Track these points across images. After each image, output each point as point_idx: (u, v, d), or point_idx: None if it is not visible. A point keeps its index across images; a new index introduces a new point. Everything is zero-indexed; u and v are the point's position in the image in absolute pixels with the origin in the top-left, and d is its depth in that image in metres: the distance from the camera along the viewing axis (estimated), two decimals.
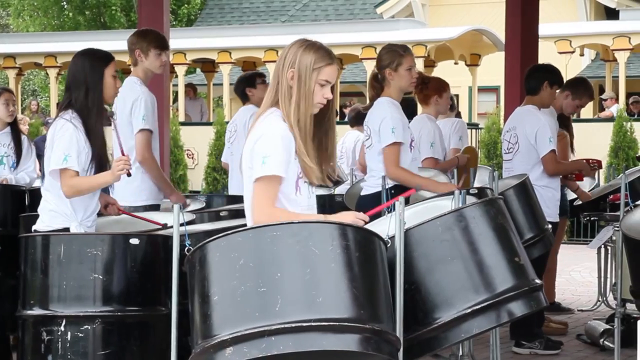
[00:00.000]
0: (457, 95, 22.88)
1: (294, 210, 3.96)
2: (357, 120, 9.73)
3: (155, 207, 6.33)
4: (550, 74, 7.44)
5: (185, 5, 31.23)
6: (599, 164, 8.43)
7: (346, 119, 18.04)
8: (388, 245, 3.93)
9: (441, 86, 7.75)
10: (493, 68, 18.11)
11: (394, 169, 6.12)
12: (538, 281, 4.28)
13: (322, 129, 4.08)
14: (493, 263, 4.16)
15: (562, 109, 8.11)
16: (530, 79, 7.44)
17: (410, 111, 7.76)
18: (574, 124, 8.89)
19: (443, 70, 18.63)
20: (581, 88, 8.24)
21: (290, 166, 3.94)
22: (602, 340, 7.22)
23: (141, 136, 6.31)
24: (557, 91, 7.61)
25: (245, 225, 3.97)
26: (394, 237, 3.99)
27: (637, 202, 6.95)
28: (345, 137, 10.35)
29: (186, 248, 3.91)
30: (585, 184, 9.48)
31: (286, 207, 3.96)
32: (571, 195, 8.77)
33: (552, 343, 7.23)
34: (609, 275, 8.67)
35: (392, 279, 3.93)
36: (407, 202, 4.27)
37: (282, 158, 3.91)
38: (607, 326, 7.28)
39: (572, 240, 14.60)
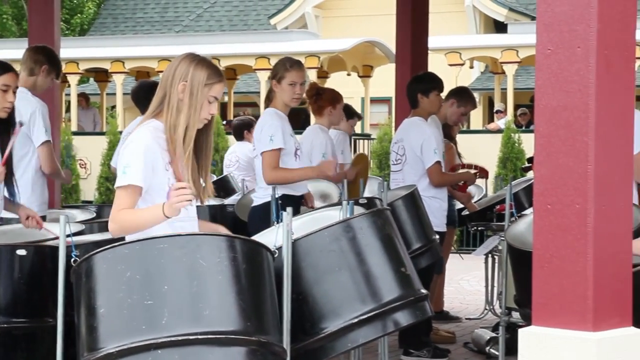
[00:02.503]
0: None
1: (171, 221, 3.93)
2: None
3: (42, 218, 6.26)
4: (420, 82, 7.54)
5: (78, 15, 30.83)
6: (486, 173, 8.60)
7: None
8: (276, 256, 3.96)
9: (335, 97, 7.83)
10: (385, 79, 18.30)
11: (270, 172, 6.19)
12: (423, 291, 4.36)
13: (200, 145, 4.09)
14: (380, 273, 4.22)
15: (446, 117, 8.22)
16: (407, 93, 7.59)
17: (302, 122, 7.81)
18: (464, 135, 9.08)
19: (336, 81, 18.78)
20: (465, 96, 8.39)
21: (158, 177, 3.94)
22: (488, 348, 7.36)
23: (45, 148, 6.37)
24: (437, 96, 7.66)
25: None
26: (281, 247, 4.02)
27: (522, 213, 7.12)
28: (236, 147, 10.36)
29: (72, 259, 3.88)
30: (474, 194, 9.66)
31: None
32: (460, 204, 8.93)
33: (439, 351, 7.34)
34: (495, 285, 8.83)
35: (280, 290, 3.96)
36: (295, 212, 4.31)
37: (142, 168, 3.91)
38: (493, 334, 7.42)
39: (462, 249, 14.81)
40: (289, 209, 4.07)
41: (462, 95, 8.39)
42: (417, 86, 7.53)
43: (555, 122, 3.85)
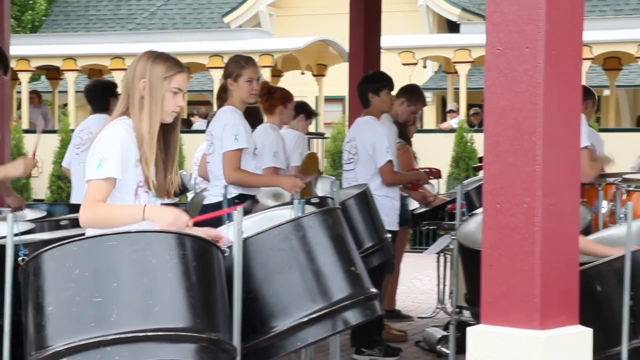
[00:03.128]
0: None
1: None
2: None
3: None
4: (370, 82, 7.60)
5: (30, 12, 30.57)
6: (438, 173, 8.64)
7: (195, 127, 18.05)
8: (226, 254, 3.95)
9: (286, 97, 7.83)
10: (339, 78, 18.33)
11: (233, 172, 6.17)
12: (373, 290, 4.37)
13: (168, 139, 4.11)
14: (330, 272, 4.23)
15: (397, 115, 8.26)
16: (358, 93, 7.63)
17: (254, 120, 7.79)
18: (417, 135, 9.10)
19: (290, 80, 18.77)
20: (415, 94, 8.43)
21: (128, 172, 3.95)
22: (439, 346, 7.40)
23: None
24: (387, 94, 7.69)
25: (84, 234, 3.94)
26: (232, 246, 4.02)
27: (473, 212, 7.16)
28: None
29: (20, 258, 3.85)
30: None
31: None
32: (413, 204, 8.96)
33: (391, 350, 7.37)
34: (447, 283, 8.88)
35: (230, 288, 3.96)
36: (246, 211, 4.31)
37: (119, 161, 3.93)
38: (445, 333, 7.46)
39: (415, 249, 14.88)
40: (240, 208, 4.07)
41: (412, 93, 8.43)
42: (368, 86, 7.57)
43: (504, 122, 3.88)
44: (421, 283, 11.94)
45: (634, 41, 17.62)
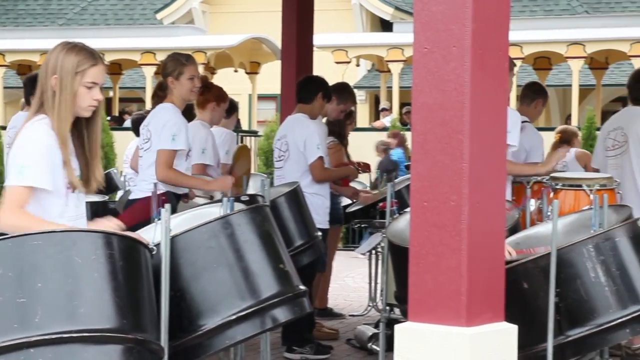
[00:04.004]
0: (237, 103, 22.99)
1: (62, 222, 3.88)
2: None
3: None
4: (325, 86, 7.67)
5: None
6: (367, 167, 8.66)
7: (126, 125, 17.87)
8: (154, 253, 3.92)
9: (222, 96, 7.81)
10: (272, 76, 18.34)
11: (164, 170, 6.14)
12: (302, 287, 4.38)
13: (88, 134, 4.03)
14: (258, 270, 4.22)
15: (327, 114, 8.28)
16: (304, 89, 7.63)
17: (189, 116, 7.77)
18: (350, 133, 9.13)
19: (223, 77, 18.71)
20: (345, 93, 8.47)
21: (56, 177, 3.87)
22: (369, 344, 7.43)
23: None
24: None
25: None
26: (159, 244, 3.99)
27: (404, 210, 7.19)
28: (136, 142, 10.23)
29: None
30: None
31: (55, 220, 3.88)
32: (345, 201, 8.98)
33: (322, 348, 7.38)
34: (379, 281, 8.91)
35: (158, 287, 3.93)
36: (174, 210, 4.29)
37: (43, 169, 3.83)
38: (375, 330, 7.49)
39: (348, 247, 14.92)
40: (167, 206, 4.03)
41: (342, 92, 8.45)
42: (321, 87, 7.66)
43: (431, 120, 3.90)
44: (353, 281, 11.97)
45: (564, 41, 17.86)
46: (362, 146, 14.83)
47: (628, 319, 4.42)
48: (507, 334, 3.95)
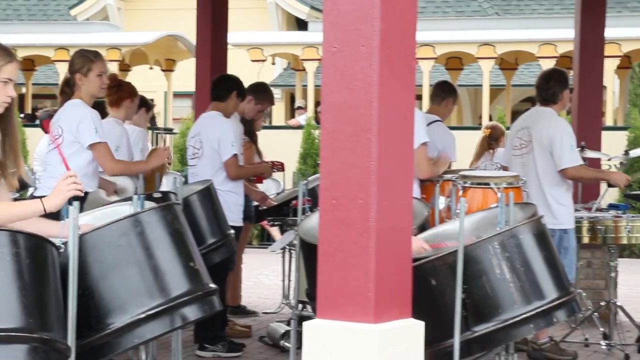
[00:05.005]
0: (152, 100, 22.85)
1: None
2: None
3: None
4: (239, 85, 7.68)
5: None
6: (281, 166, 8.69)
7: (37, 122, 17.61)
8: (61, 251, 3.89)
9: (133, 91, 7.81)
10: (188, 74, 18.28)
11: (112, 163, 6.26)
12: (212, 285, 4.38)
13: (4, 131, 3.99)
14: (168, 268, 4.21)
15: (244, 113, 8.29)
16: (219, 87, 7.64)
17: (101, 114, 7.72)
18: (265, 131, 9.18)
19: (138, 74, 18.59)
20: (263, 93, 8.49)
21: None
22: (282, 341, 7.45)
23: None
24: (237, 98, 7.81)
25: None
26: (67, 242, 3.96)
27: (317, 208, 7.23)
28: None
29: None
30: (272, 188, 9.76)
31: None
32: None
33: (234, 345, 7.38)
34: (292, 279, 8.94)
35: (66, 286, 3.90)
36: (82, 208, 4.26)
37: None
38: (288, 328, 7.51)
39: (263, 244, 14.94)
40: (76, 204, 4.00)
41: (260, 92, 8.47)
42: (235, 85, 7.68)
43: (340, 119, 3.94)
44: (267, 279, 11.99)
45: (475, 42, 18.13)
46: (277, 144, 14.86)
47: (532, 315, 4.51)
48: (414, 330, 4.01)
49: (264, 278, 12.06)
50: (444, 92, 7.98)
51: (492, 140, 9.76)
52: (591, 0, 9.64)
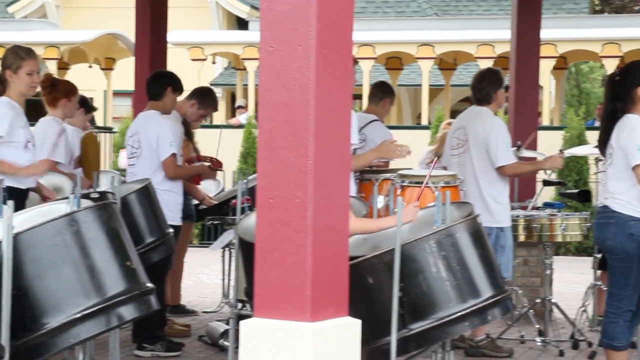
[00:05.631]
0: (92, 99, 22.67)
1: None
2: None
3: None
4: (174, 80, 7.66)
5: None
6: (219, 164, 8.68)
7: None
8: None
9: (70, 90, 7.75)
10: (128, 72, 18.17)
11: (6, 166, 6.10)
12: (149, 285, 4.37)
13: None
14: (104, 267, 4.20)
15: (186, 115, 8.27)
16: (154, 85, 7.62)
17: (37, 113, 7.65)
18: (206, 130, 9.13)
19: (77, 73, 18.42)
20: (207, 99, 8.45)
21: None
22: (221, 340, 7.45)
23: None
24: (180, 97, 7.80)
25: None
26: (1, 242, 3.93)
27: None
28: None
29: None
30: (212, 188, 9.74)
31: None
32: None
33: (173, 345, 7.36)
34: (232, 278, 8.93)
35: None
36: (20, 207, 4.23)
37: None
38: (227, 327, 7.50)
39: (204, 243, 14.90)
40: (10, 202, 3.98)
41: (204, 97, 8.42)
42: (170, 82, 7.65)
43: (277, 118, 3.95)
44: (208, 278, 11.97)
45: (414, 42, 18.24)
46: (217, 143, 14.81)
47: (467, 313, 4.56)
48: (350, 328, 4.03)
49: (204, 277, 12.03)
50: (381, 92, 8.04)
51: None
52: (527, 1, 9.76)
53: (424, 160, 9.60)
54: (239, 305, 6.51)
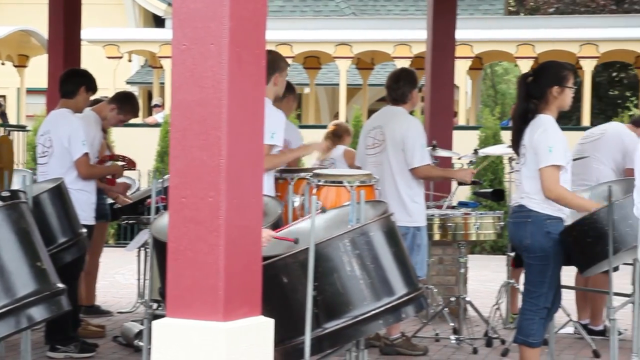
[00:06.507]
0: (3, 97, 22.33)
1: None
2: None
3: None
4: (88, 79, 7.58)
5: None
6: (133, 163, 8.60)
7: None
8: None
9: None
10: (42, 70, 17.92)
11: None
12: (60, 285, 4.31)
13: None
14: (14, 268, 4.14)
15: (105, 118, 8.19)
16: (67, 82, 7.53)
17: None
18: (122, 129, 9.02)
19: None
20: (128, 105, 8.35)
21: None
22: (136, 341, 7.39)
23: None
24: (90, 97, 7.71)
25: None
26: None
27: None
28: None
29: None
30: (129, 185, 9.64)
31: None
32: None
33: (87, 346, 7.27)
34: (147, 277, 8.85)
35: None
36: None
37: None
38: (142, 327, 7.44)
39: (120, 243, 14.76)
40: None
41: (125, 103, 8.33)
42: (83, 80, 7.58)
43: (190, 117, 3.92)
44: (124, 278, 11.86)
45: (332, 42, 18.30)
46: (134, 142, 14.70)
47: (381, 311, 4.57)
48: (263, 327, 4.02)
49: (120, 277, 11.92)
50: (285, 90, 8.02)
51: (335, 136, 9.90)
52: (442, 2, 9.84)
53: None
54: (154, 305, 6.46)
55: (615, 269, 6.21)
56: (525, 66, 17.40)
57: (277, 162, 6.28)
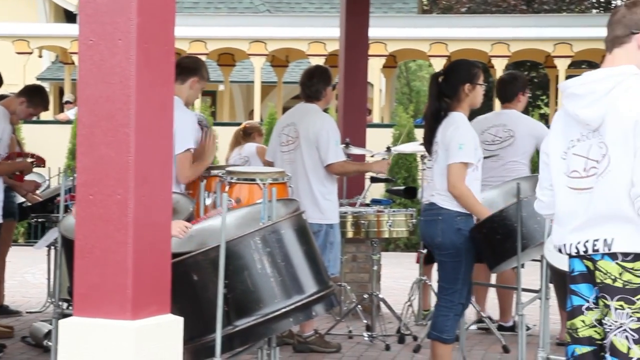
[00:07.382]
0: None
1: None
2: None
3: None
4: None
5: None
6: (42, 161, 8.48)
7: None
8: None
9: None
10: None
11: None
12: None
13: None
14: None
15: (15, 113, 8.04)
16: None
17: None
18: (33, 126, 8.85)
19: None
20: (37, 98, 8.20)
21: None
22: (45, 341, 7.29)
23: None
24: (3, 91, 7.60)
25: None
26: None
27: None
28: None
29: None
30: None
31: None
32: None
33: None
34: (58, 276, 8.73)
35: None
36: None
37: None
38: (52, 327, 7.33)
39: (29, 242, 14.53)
40: None
41: (34, 96, 8.17)
42: None
43: (97, 113, 3.87)
44: (33, 277, 11.68)
45: (246, 39, 18.26)
46: (46, 139, 14.49)
47: (292, 309, 4.58)
48: (172, 326, 3.99)
49: (29, 276, 11.73)
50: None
51: (245, 135, 9.89)
52: (355, 0, 9.87)
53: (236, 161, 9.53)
54: (64, 305, 6.37)
55: (522, 265, 6.29)
56: (438, 64, 17.57)
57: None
